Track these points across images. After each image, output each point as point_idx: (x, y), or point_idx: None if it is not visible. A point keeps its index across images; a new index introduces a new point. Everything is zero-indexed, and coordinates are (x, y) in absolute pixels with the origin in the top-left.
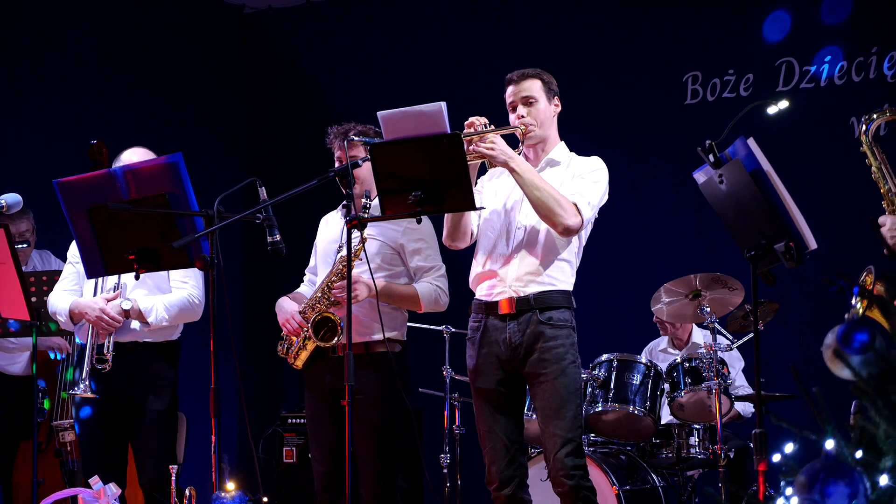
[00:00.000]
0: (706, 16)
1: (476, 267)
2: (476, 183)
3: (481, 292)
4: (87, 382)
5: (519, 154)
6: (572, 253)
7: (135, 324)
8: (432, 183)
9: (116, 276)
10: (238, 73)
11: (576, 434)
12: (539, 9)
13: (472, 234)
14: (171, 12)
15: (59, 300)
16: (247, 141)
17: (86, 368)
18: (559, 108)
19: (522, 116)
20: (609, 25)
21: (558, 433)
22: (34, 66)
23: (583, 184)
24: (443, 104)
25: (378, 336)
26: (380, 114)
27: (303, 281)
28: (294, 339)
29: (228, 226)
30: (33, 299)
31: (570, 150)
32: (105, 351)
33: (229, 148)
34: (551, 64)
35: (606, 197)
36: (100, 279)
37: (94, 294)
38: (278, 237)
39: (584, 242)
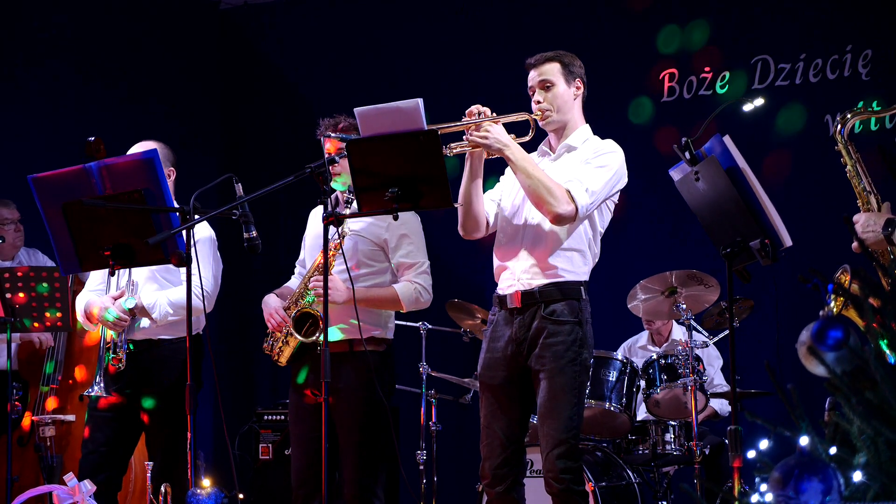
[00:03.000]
0: (682, 13)
1: (495, 259)
2: (504, 173)
3: (499, 286)
4: (101, 383)
5: (529, 140)
6: (583, 241)
7: (146, 321)
8: (409, 179)
9: (127, 273)
10: (214, 68)
11: (569, 435)
12: (515, 5)
13: (487, 223)
14: (147, 8)
15: (80, 301)
16: (223, 137)
17: (100, 368)
18: (581, 90)
19: (539, 102)
20: (585, 22)
21: (551, 433)
22: (7, 62)
23: (585, 169)
24: (420, 101)
25: (357, 335)
26: (357, 110)
27: (293, 273)
28: (278, 335)
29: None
30: (7, 295)
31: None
32: (118, 349)
33: (205, 144)
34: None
35: (622, 181)
36: (113, 276)
37: (106, 292)
38: (255, 233)
39: (600, 229)
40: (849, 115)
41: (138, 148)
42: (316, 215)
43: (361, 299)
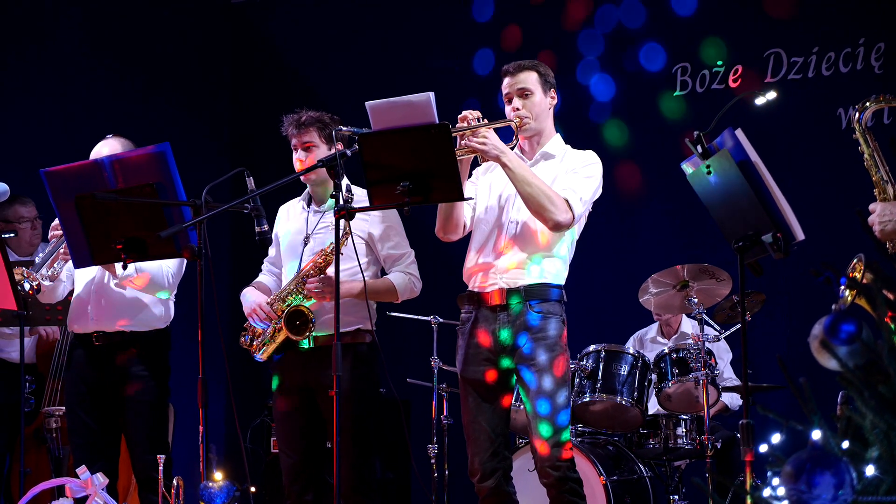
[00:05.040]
0: (694, 7)
1: (469, 259)
2: (470, 175)
3: (473, 284)
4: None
5: (514, 147)
6: (564, 248)
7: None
8: (420, 173)
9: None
10: (225, 62)
11: (564, 426)
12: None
13: (465, 226)
14: (159, 2)
15: None
16: (234, 131)
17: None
18: (555, 101)
19: (518, 109)
20: (597, 16)
21: (547, 424)
22: (20, 56)
23: (575, 179)
24: (431, 94)
25: (345, 329)
26: (368, 104)
27: (261, 271)
28: (260, 330)
29: (216, 215)
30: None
31: (566, 143)
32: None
33: (216, 137)
34: (537, 55)
35: (600, 191)
36: None
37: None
38: (266, 227)
39: (577, 237)
40: (867, 103)
41: (102, 146)
42: (289, 212)
43: (362, 293)
